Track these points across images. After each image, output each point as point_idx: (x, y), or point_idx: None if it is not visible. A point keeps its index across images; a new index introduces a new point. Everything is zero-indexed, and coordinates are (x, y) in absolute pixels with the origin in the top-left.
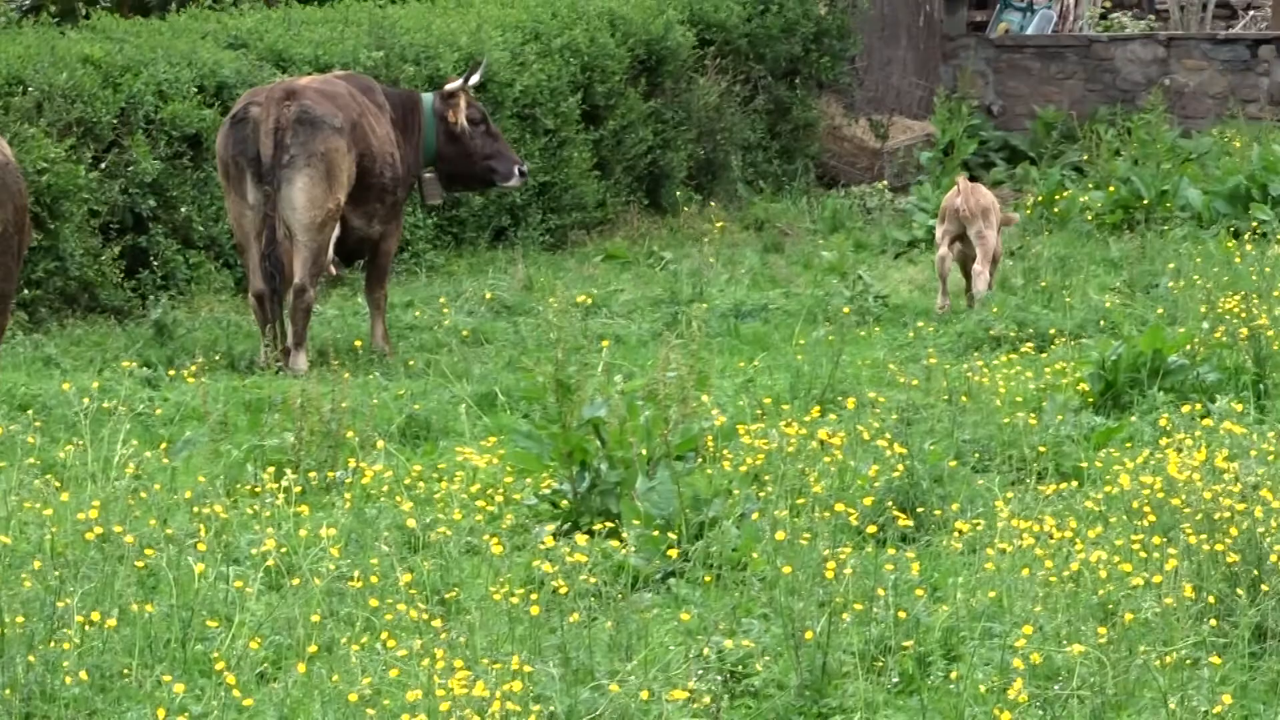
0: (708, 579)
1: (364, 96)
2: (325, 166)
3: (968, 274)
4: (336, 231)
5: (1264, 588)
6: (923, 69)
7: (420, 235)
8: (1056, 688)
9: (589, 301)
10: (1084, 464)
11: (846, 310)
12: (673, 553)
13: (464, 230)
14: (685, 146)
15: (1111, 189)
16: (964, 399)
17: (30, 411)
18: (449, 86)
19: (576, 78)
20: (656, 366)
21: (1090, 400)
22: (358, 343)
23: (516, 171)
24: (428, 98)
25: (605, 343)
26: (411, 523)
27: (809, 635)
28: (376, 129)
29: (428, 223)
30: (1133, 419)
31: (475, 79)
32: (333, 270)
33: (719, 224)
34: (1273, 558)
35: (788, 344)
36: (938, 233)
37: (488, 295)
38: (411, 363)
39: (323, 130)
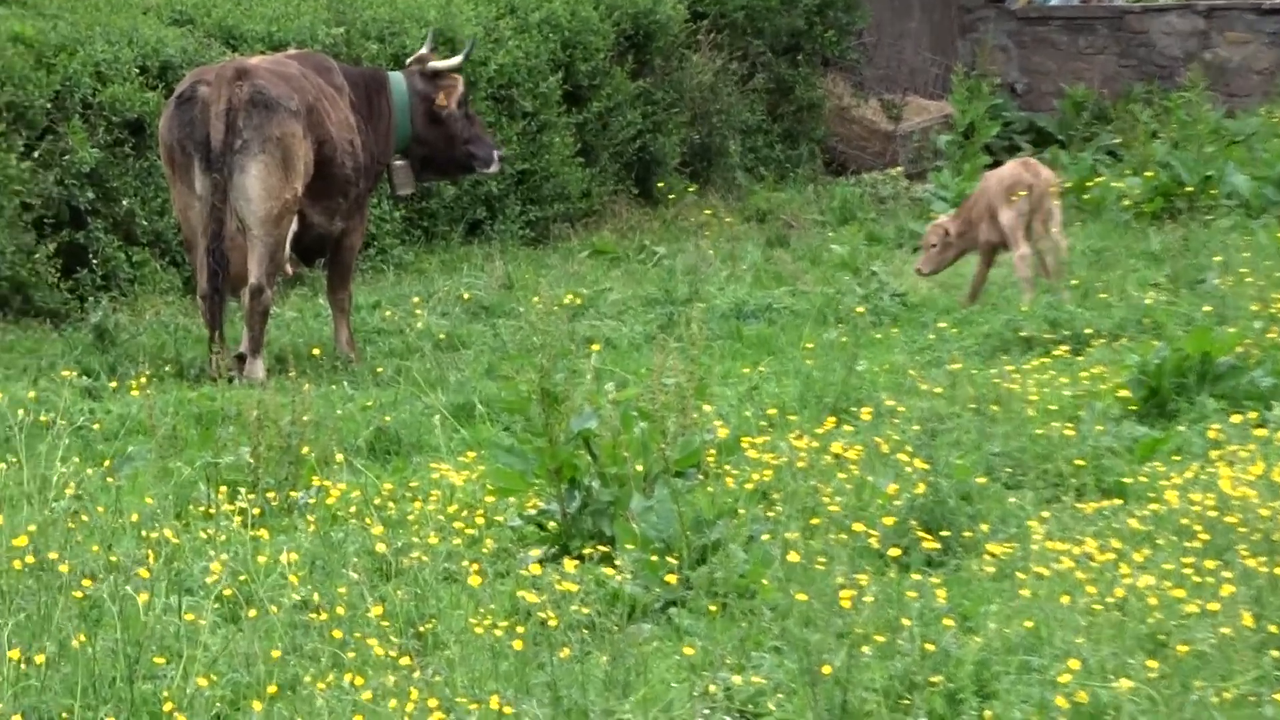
0: (712, 608)
1: (320, 77)
2: (281, 153)
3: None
4: (295, 226)
5: None
6: (939, 44)
7: (387, 229)
8: None
9: (576, 301)
10: (1127, 479)
11: (860, 310)
12: (673, 579)
13: (435, 224)
14: (678, 130)
15: (1150, 175)
16: (993, 407)
17: None
18: (437, 64)
19: (557, 55)
20: (651, 373)
21: (1132, 408)
22: (317, 349)
23: (495, 156)
24: (395, 77)
25: (594, 347)
26: (382, 547)
27: (826, 670)
28: (334, 113)
29: (395, 215)
30: (1180, 429)
31: (460, 60)
32: (289, 269)
33: (718, 215)
34: None
35: (796, 348)
36: (1009, 221)
37: (464, 295)
38: (380, 370)
39: (278, 113)
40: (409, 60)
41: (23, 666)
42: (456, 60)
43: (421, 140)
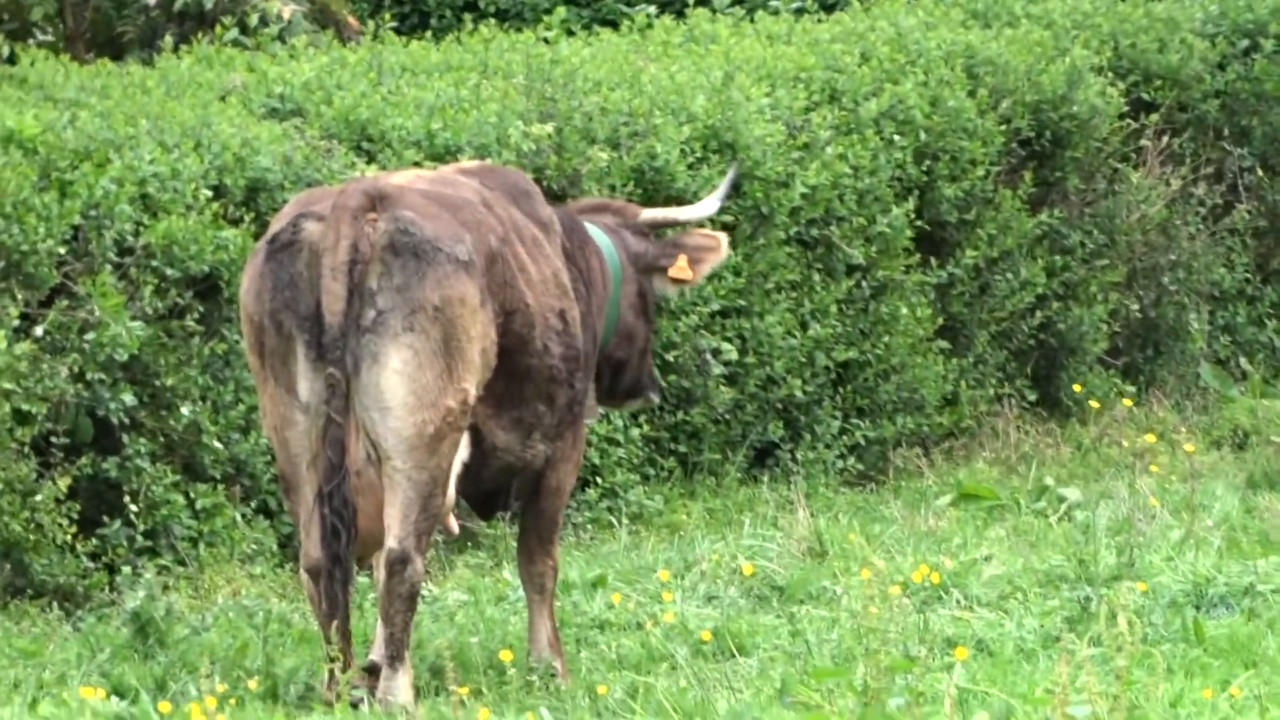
0: None
1: (515, 207)
2: (442, 332)
3: None
4: (464, 454)
5: None
6: None
7: (617, 458)
8: None
9: (931, 580)
10: None
11: None
12: None
13: (699, 448)
14: (1105, 297)
15: None
16: None
17: None
18: (660, 214)
19: (906, 172)
20: (1053, 699)
21: None
22: (506, 653)
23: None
24: (594, 230)
25: (959, 653)
26: None
27: None
28: (534, 266)
29: (632, 435)
30: None
31: (714, 204)
32: (454, 525)
33: (1167, 437)
34: None
35: None
36: None
37: (744, 568)
38: (603, 690)
39: (438, 265)
40: (582, 204)
41: None
42: (706, 206)
43: (625, 336)
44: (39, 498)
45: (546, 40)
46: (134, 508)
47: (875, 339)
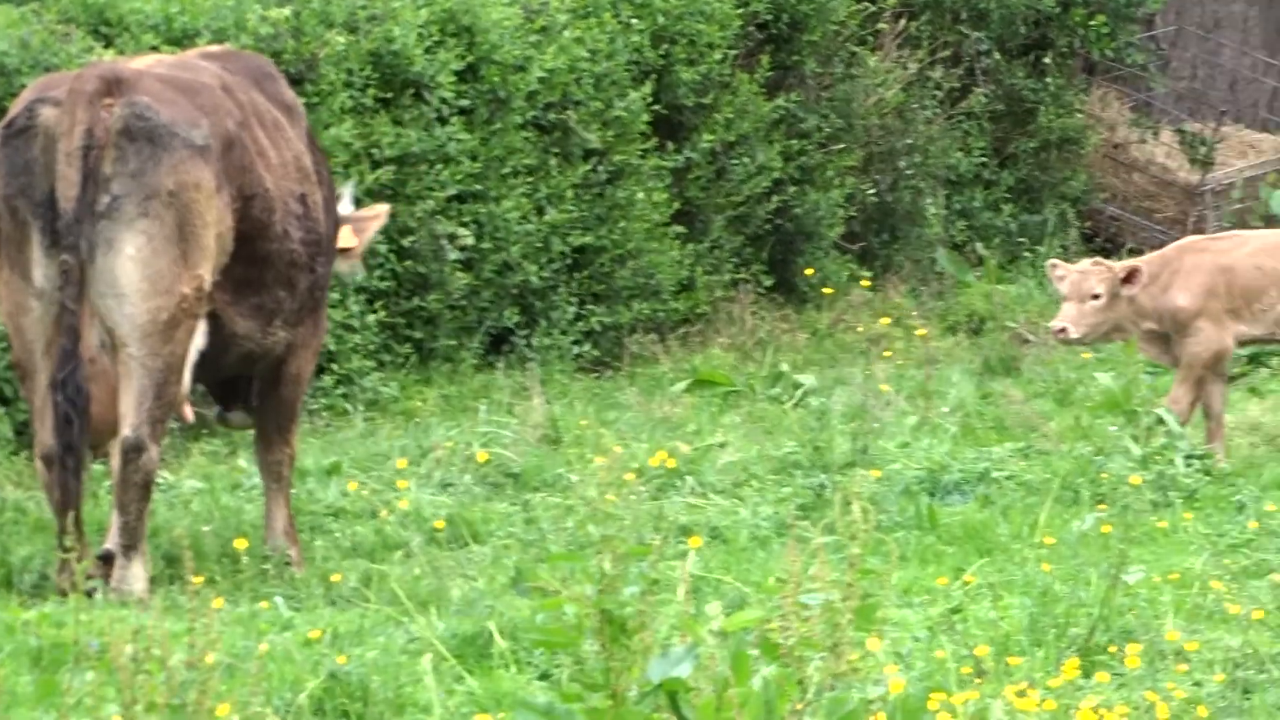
0: None
1: (256, 91)
2: (177, 217)
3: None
4: (201, 340)
5: None
6: (1278, 38)
7: (354, 344)
8: None
9: (667, 466)
10: None
11: (1136, 481)
12: None
13: (435, 334)
14: (842, 181)
15: None
16: None
17: None
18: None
19: (644, 55)
20: (784, 586)
21: None
22: (241, 541)
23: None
24: None
25: (693, 541)
26: None
27: None
28: (275, 151)
29: (369, 321)
30: None
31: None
32: (189, 413)
33: (904, 323)
34: None
35: (1026, 544)
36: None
37: (478, 455)
38: (337, 578)
39: (173, 151)
40: None
41: None
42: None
43: None
44: None
45: None
46: None
47: (611, 224)
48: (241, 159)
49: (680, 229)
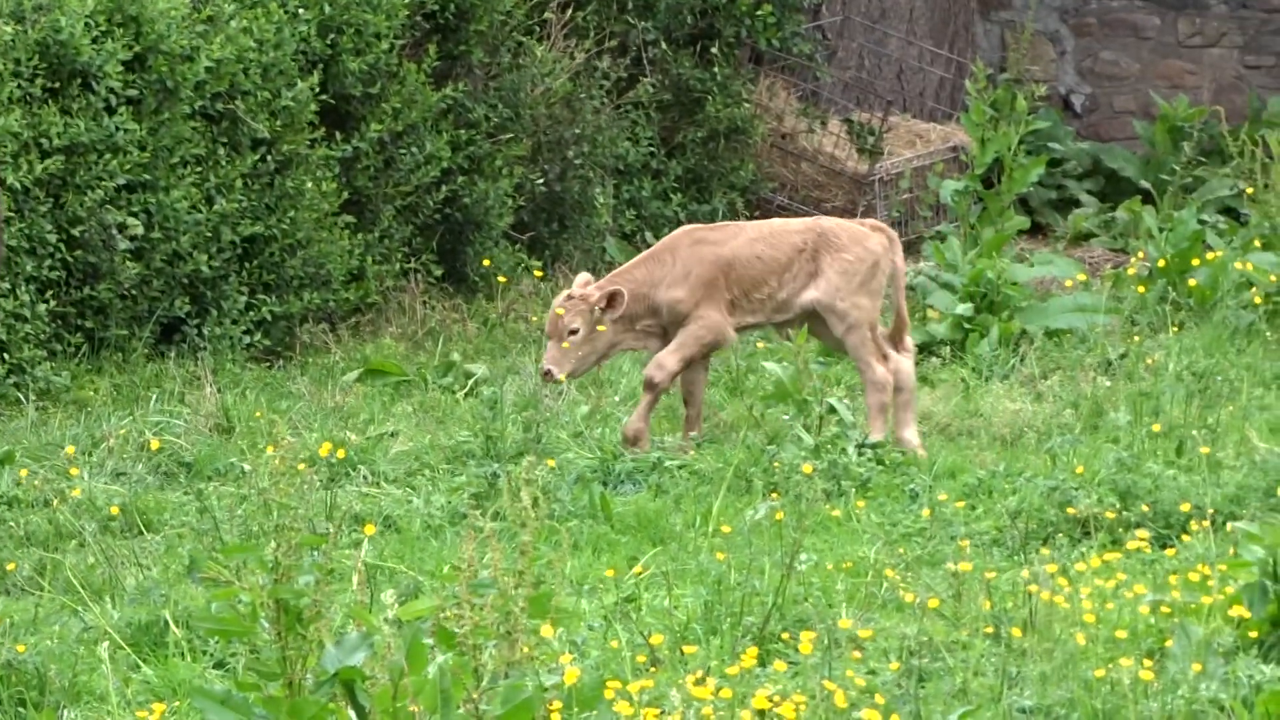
0: None
1: None
2: None
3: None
4: None
5: None
6: (944, 29)
7: (25, 333)
8: None
9: (337, 455)
10: None
11: (808, 469)
12: None
13: (105, 322)
14: (510, 171)
15: None
16: (1017, 633)
17: None
18: None
19: (311, 45)
20: (459, 574)
21: (1252, 635)
22: None
23: None
24: None
25: (367, 530)
26: None
27: None
28: None
29: (39, 310)
30: None
31: None
32: None
33: None
34: None
35: (699, 533)
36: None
37: (151, 443)
38: (11, 567)
39: None
40: None
41: None
42: None
43: None
44: None
45: None
46: None
47: (281, 214)
48: None
49: (350, 219)
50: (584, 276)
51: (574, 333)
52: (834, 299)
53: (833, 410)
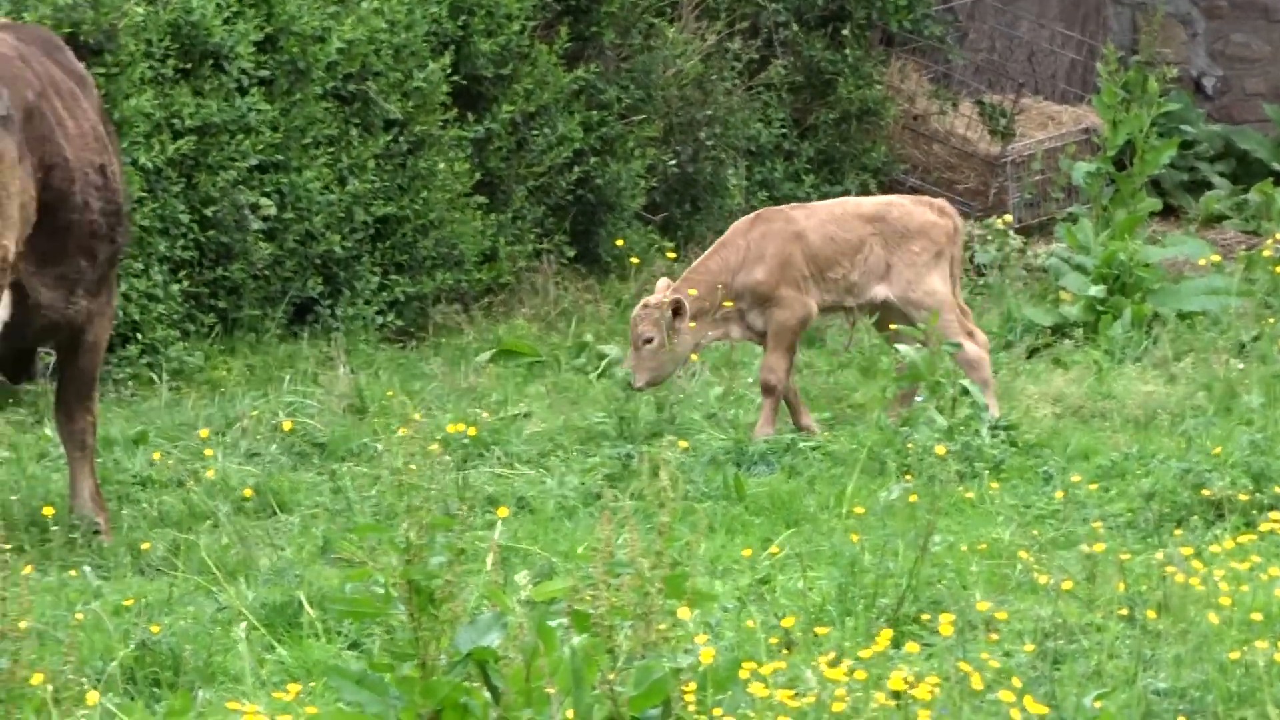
0: None
1: (49, 61)
2: None
3: None
4: (4, 311)
5: None
6: (1075, 12)
7: (158, 314)
8: None
9: (470, 434)
10: None
11: (942, 452)
12: None
13: (239, 304)
14: (643, 153)
15: None
16: (1151, 615)
17: None
18: None
19: (443, 27)
20: (593, 556)
21: None
22: (49, 510)
23: None
24: None
25: (501, 511)
26: None
27: None
28: (73, 121)
29: (172, 290)
30: None
31: None
32: None
33: None
34: None
35: (833, 515)
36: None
37: (284, 424)
38: (146, 547)
39: None
40: None
41: None
42: None
43: None
44: None
45: None
46: None
47: (413, 194)
48: (41, 129)
49: (482, 199)
50: (664, 282)
51: (649, 341)
52: (907, 292)
53: (965, 392)
